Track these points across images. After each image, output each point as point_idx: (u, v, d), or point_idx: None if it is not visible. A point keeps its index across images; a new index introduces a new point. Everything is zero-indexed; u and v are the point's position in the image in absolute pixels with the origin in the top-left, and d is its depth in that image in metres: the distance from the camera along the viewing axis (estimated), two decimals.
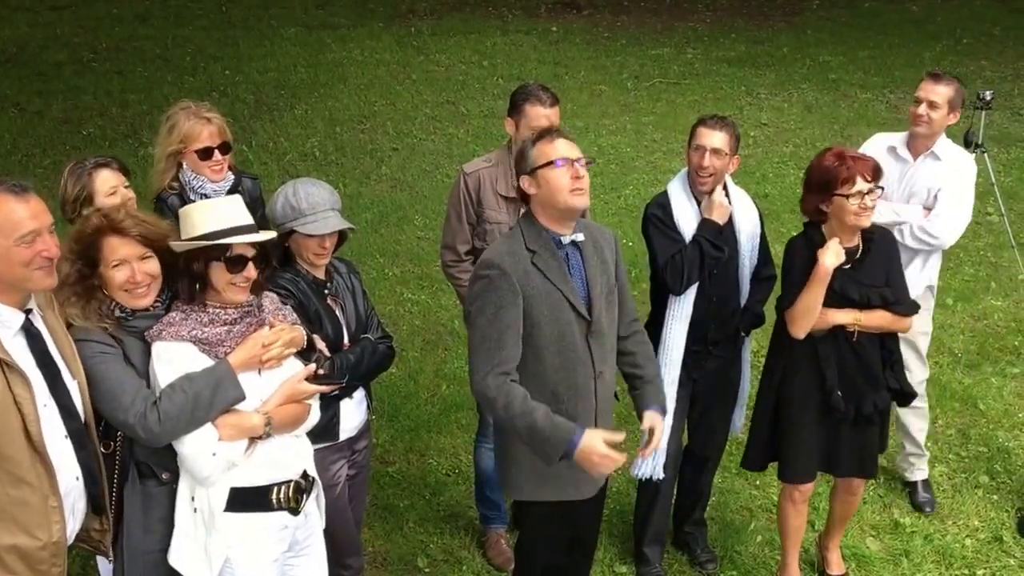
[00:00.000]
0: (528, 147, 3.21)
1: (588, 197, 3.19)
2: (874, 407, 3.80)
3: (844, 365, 3.77)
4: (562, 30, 13.06)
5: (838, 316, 3.71)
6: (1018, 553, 4.45)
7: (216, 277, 2.92)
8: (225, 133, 3.94)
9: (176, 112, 3.91)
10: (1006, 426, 5.35)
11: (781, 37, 12.66)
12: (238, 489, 2.94)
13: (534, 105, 3.97)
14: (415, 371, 5.86)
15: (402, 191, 8.42)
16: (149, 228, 2.92)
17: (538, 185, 3.16)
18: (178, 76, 11.19)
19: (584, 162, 3.16)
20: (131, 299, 2.90)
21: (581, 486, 3.29)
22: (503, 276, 3.10)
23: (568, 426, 3.05)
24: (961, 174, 4.42)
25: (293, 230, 3.32)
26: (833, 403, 3.75)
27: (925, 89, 4.35)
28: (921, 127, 4.35)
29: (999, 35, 12.37)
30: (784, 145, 9.28)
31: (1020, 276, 6.36)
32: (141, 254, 2.89)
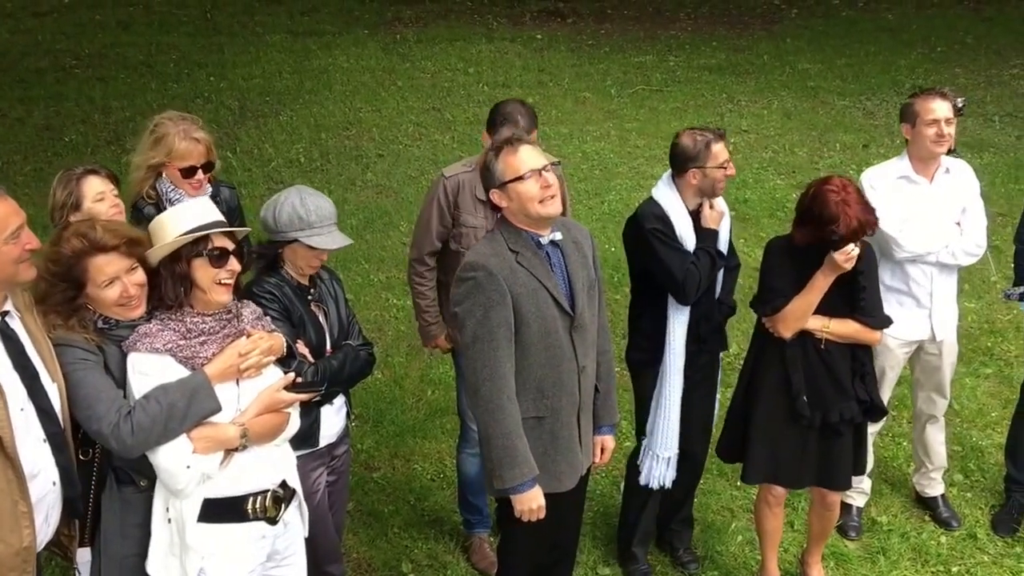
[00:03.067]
0: (492, 161, 3.23)
1: (560, 201, 3.23)
2: (840, 417, 3.80)
3: (812, 371, 3.80)
4: (547, 38, 13.13)
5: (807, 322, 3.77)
6: (992, 550, 4.55)
7: (201, 275, 2.91)
8: (211, 152, 3.94)
9: (165, 125, 3.88)
10: (979, 425, 5.45)
11: (761, 45, 12.76)
12: (211, 500, 2.92)
13: (511, 130, 3.92)
14: (400, 376, 5.91)
15: (387, 197, 8.47)
16: (128, 237, 2.92)
17: (509, 198, 3.21)
18: (162, 83, 11.20)
19: (550, 167, 3.20)
20: (126, 312, 2.92)
21: (563, 479, 3.38)
22: (490, 277, 3.15)
23: (534, 468, 3.20)
24: (975, 183, 4.45)
25: (296, 239, 3.32)
26: (798, 408, 3.77)
27: (939, 109, 4.22)
28: (943, 147, 4.26)
29: (972, 43, 12.50)
30: (764, 151, 9.36)
31: (992, 278, 6.46)
32: (128, 267, 2.89)
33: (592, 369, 3.43)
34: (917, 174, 4.35)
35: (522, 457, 3.18)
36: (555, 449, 3.34)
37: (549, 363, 3.26)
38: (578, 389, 3.35)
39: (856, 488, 4.63)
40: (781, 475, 3.96)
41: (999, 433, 5.14)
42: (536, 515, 3.25)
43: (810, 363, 3.80)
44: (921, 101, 4.28)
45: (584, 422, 3.43)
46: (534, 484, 3.22)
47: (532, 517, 3.26)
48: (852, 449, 3.95)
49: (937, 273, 4.36)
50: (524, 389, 3.24)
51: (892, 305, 4.31)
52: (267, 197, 3.55)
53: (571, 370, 3.31)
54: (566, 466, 3.37)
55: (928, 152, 4.29)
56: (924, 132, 4.25)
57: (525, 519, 3.27)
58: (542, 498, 3.25)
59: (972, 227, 4.35)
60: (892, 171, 4.39)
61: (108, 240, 2.87)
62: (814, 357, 3.80)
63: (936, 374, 4.56)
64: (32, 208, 3.02)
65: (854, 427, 3.92)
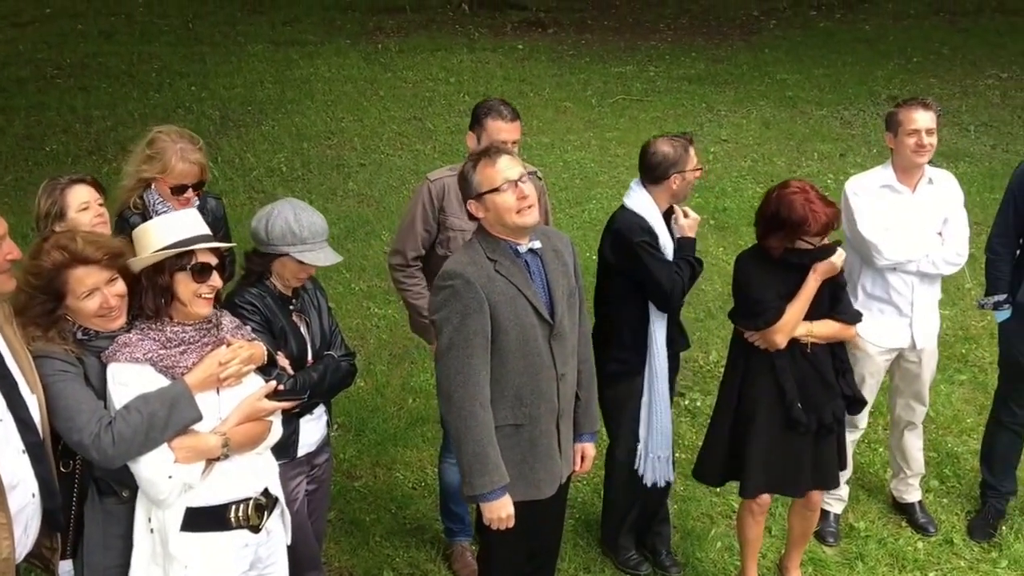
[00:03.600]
0: (470, 172, 3.26)
1: (537, 211, 3.26)
2: (833, 416, 3.88)
3: (801, 377, 3.85)
4: (528, 48, 13.19)
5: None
6: (968, 555, 4.59)
7: (182, 288, 2.91)
8: (205, 172, 3.95)
9: (163, 143, 3.86)
10: (955, 432, 5.51)
11: (740, 56, 12.87)
12: (194, 509, 2.92)
13: (495, 120, 4.03)
14: (382, 385, 5.92)
15: (369, 206, 8.49)
16: (109, 249, 2.92)
17: (486, 209, 3.24)
18: (143, 92, 11.19)
19: (526, 177, 3.23)
20: (106, 323, 2.92)
21: (542, 487, 3.40)
22: (467, 285, 3.17)
23: (505, 477, 3.22)
24: (959, 193, 4.47)
25: (287, 254, 3.33)
26: (795, 416, 3.81)
27: (922, 119, 4.25)
28: (924, 157, 4.29)
29: (947, 54, 12.65)
30: (743, 160, 9.44)
31: (967, 286, 6.54)
32: (108, 278, 2.89)
33: (572, 377, 3.45)
34: (900, 183, 4.38)
35: (492, 465, 3.20)
36: (534, 457, 3.36)
37: (528, 371, 3.28)
38: (557, 397, 3.36)
39: (834, 495, 4.68)
40: (781, 485, 4.00)
41: (974, 439, 5.20)
42: (505, 524, 3.27)
43: (800, 369, 3.85)
44: (904, 111, 4.33)
45: (564, 430, 3.45)
46: (504, 493, 3.24)
47: (501, 525, 3.28)
48: (836, 446, 4.02)
49: (918, 282, 4.40)
50: (502, 396, 3.26)
51: (873, 313, 4.37)
52: (248, 206, 3.57)
53: (550, 378, 3.33)
54: (545, 474, 3.39)
55: (909, 161, 4.32)
56: (905, 142, 4.29)
57: (494, 527, 3.29)
58: (511, 507, 3.26)
59: (953, 237, 4.39)
60: (875, 180, 4.42)
61: (89, 252, 2.87)
62: (802, 362, 3.85)
63: (915, 382, 4.61)
64: (13, 218, 3.03)
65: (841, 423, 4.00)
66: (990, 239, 4.59)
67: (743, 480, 4.00)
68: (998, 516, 4.77)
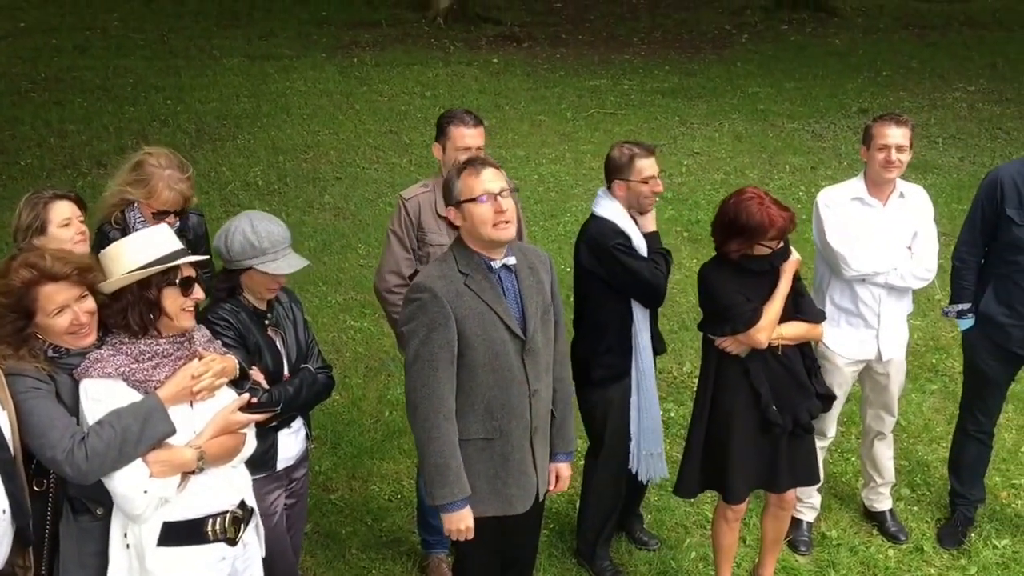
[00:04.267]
0: (454, 179, 3.30)
1: (513, 227, 3.29)
2: (809, 415, 3.94)
3: (776, 379, 3.89)
4: (503, 62, 13.27)
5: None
6: (938, 562, 4.65)
7: (170, 302, 2.92)
8: (189, 200, 3.93)
9: (151, 168, 3.83)
10: (925, 440, 5.58)
11: (712, 69, 12.99)
12: (171, 523, 2.91)
13: (458, 127, 4.08)
14: (358, 398, 5.93)
15: (345, 219, 8.51)
16: (78, 266, 2.91)
17: (463, 218, 3.27)
18: (118, 106, 11.16)
19: (507, 192, 3.26)
20: (77, 340, 2.90)
21: (515, 502, 3.41)
22: (434, 299, 3.20)
23: (466, 489, 3.25)
24: (930, 208, 4.52)
25: (250, 267, 3.34)
26: (771, 418, 3.85)
27: (891, 134, 4.30)
28: (893, 172, 4.32)
29: (916, 67, 12.83)
30: (715, 173, 9.52)
31: (937, 296, 6.63)
32: (78, 295, 2.88)
33: (546, 394, 3.46)
34: (871, 196, 4.42)
35: (454, 476, 3.23)
36: (506, 472, 3.37)
37: (498, 385, 3.30)
38: (529, 412, 3.37)
39: (806, 503, 4.74)
40: (761, 483, 4.06)
41: (944, 448, 5.26)
42: (464, 535, 3.30)
43: (773, 372, 3.89)
44: (877, 125, 4.38)
45: (538, 446, 3.45)
46: (465, 504, 3.27)
47: (461, 536, 3.31)
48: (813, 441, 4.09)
49: (886, 295, 4.45)
50: (472, 410, 3.28)
51: (841, 325, 4.43)
52: (225, 220, 3.58)
53: (522, 393, 3.34)
54: (517, 489, 3.40)
55: (879, 176, 4.37)
56: (875, 156, 4.35)
57: (454, 537, 3.33)
58: (471, 519, 3.29)
59: (923, 251, 4.43)
60: (847, 192, 4.46)
61: (58, 268, 2.86)
62: (775, 365, 3.89)
63: (884, 393, 4.67)
64: None
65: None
66: (957, 247, 4.64)
67: (726, 487, 4.03)
68: (967, 524, 4.83)
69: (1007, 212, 4.39)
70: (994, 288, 4.50)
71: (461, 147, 4.06)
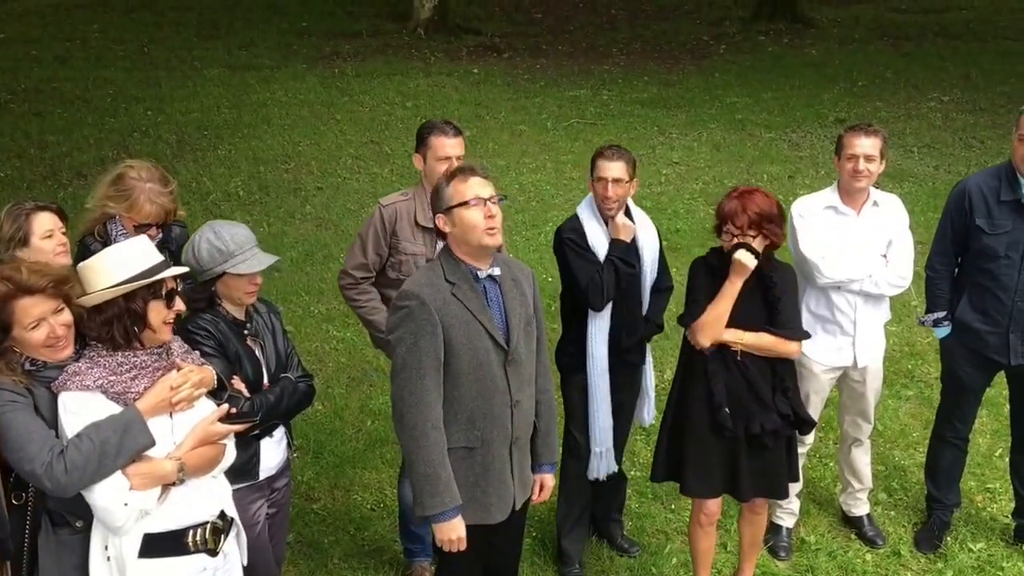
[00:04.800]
0: (443, 186, 3.33)
1: (501, 235, 3.33)
2: (762, 428, 3.90)
3: (732, 384, 3.92)
4: (483, 72, 13.33)
5: (723, 334, 3.90)
6: (915, 566, 4.71)
7: (154, 315, 2.93)
8: (171, 214, 3.89)
9: (132, 182, 3.80)
10: (902, 445, 5.66)
11: (691, 80, 13.08)
12: (152, 535, 2.91)
13: (438, 137, 4.14)
14: (340, 408, 5.94)
15: (327, 230, 8.53)
16: (54, 278, 2.90)
17: (453, 223, 3.29)
18: (99, 117, 11.14)
19: (497, 199, 3.30)
20: (54, 353, 2.90)
21: (493, 511, 3.43)
22: (422, 307, 3.22)
23: (457, 498, 3.26)
24: (904, 217, 4.57)
25: (224, 272, 3.35)
26: (720, 419, 3.89)
27: (859, 144, 4.35)
28: (862, 182, 4.37)
29: (891, 78, 12.95)
30: (694, 182, 9.60)
31: (913, 303, 6.71)
32: (54, 308, 2.88)
33: (528, 405, 3.49)
34: (845, 205, 4.48)
35: (444, 486, 3.23)
36: (486, 481, 3.39)
37: (481, 395, 3.32)
38: (510, 422, 3.40)
39: (785, 509, 4.80)
40: (720, 487, 4.07)
41: (921, 452, 5.32)
42: (456, 545, 3.30)
43: (731, 376, 3.92)
44: (847, 136, 4.44)
45: (518, 456, 3.47)
46: (456, 514, 3.27)
47: (452, 548, 3.31)
48: (785, 458, 4.07)
49: (862, 303, 4.51)
50: (455, 419, 3.30)
51: (817, 332, 4.48)
52: None
53: (504, 403, 3.36)
54: (496, 499, 3.41)
55: (848, 185, 4.44)
56: (844, 166, 4.42)
57: (446, 548, 3.33)
58: (463, 529, 3.29)
59: (897, 259, 4.49)
60: (821, 201, 4.52)
61: (34, 282, 2.85)
62: (734, 370, 3.92)
63: (860, 400, 4.73)
64: None
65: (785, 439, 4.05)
66: (929, 258, 4.71)
67: (682, 479, 4.11)
68: (943, 528, 4.90)
69: (976, 222, 4.46)
70: (969, 296, 4.58)
71: (441, 157, 4.12)
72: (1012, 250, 4.41)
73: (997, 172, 4.52)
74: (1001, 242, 4.42)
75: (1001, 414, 5.65)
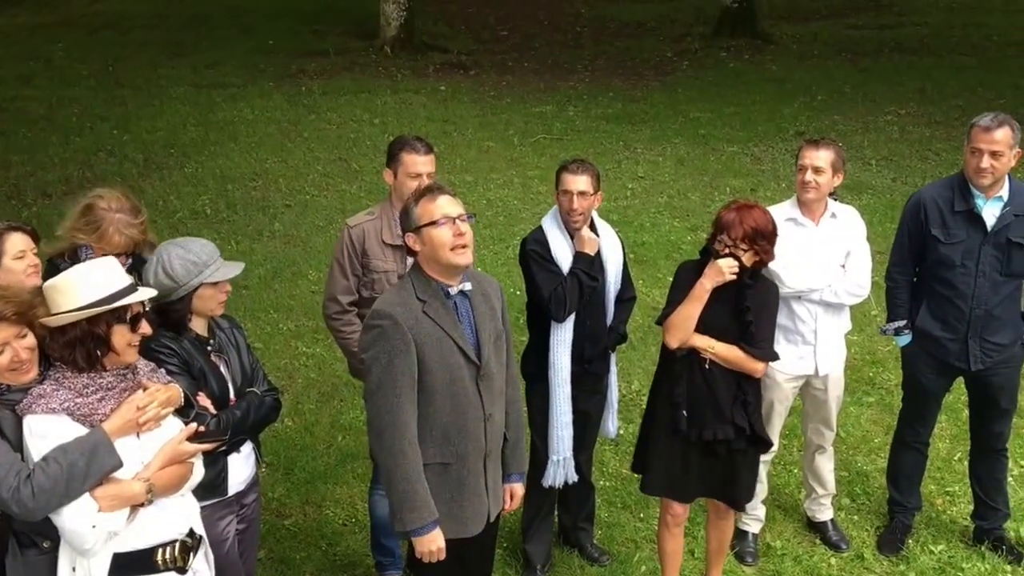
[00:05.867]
0: (412, 206, 3.37)
1: (471, 253, 3.35)
2: (714, 436, 3.97)
3: (694, 389, 3.99)
4: (450, 89, 13.40)
5: (695, 338, 3.97)
6: (878, 569, 4.81)
7: (118, 339, 2.92)
8: (141, 244, 3.82)
9: (101, 212, 3.74)
10: (864, 451, 5.76)
11: (655, 96, 13.21)
12: (121, 554, 2.91)
13: (410, 153, 4.19)
14: (311, 423, 5.95)
15: (295, 247, 8.54)
16: (19, 304, 2.89)
17: (422, 243, 3.33)
18: (64, 137, 11.08)
19: (466, 217, 3.34)
20: (18, 376, 2.89)
21: (469, 524, 3.47)
22: (395, 326, 3.25)
23: (434, 512, 3.30)
24: (861, 227, 4.69)
25: (201, 284, 3.34)
26: (676, 419, 3.98)
27: (808, 156, 4.46)
28: (811, 193, 4.48)
29: (849, 92, 13.13)
30: (659, 196, 9.70)
31: (873, 312, 6.84)
32: (18, 332, 2.87)
33: (500, 418, 3.53)
34: (803, 217, 4.59)
35: (422, 501, 3.27)
36: (462, 495, 3.43)
37: (455, 410, 3.35)
38: (484, 436, 3.44)
39: (751, 515, 4.88)
40: (673, 487, 4.15)
41: (882, 458, 5.42)
42: (436, 556, 3.34)
43: (694, 381, 4.00)
44: (802, 148, 4.58)
45: (491, 469, 3.52)
46: (435, 527, 3.31)
47: (432, 559, 3.35)
48: (742, 471, 4.13)
49: (822, 312, 4.62)
50: (430, 436, 3.33)
51: (780, 342, 4.57)
52: None
53: (477, 418, 3.40)
54: (472, 512, 3.46)
55: (801, 196, 4.57)
56: (797, 178, 4.56)
57: (426, 560, 3.36)
58: (442, 540, 3.33)
59: (856, 269, 4.60)
60: (781, 213, 4.58)
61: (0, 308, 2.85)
62: (698, 376, 4.00)
63: (822, 408, 4.82)
64: None
65: (751, 457, 4.12)
66: (888, 268, 4.82)
67: (644, 473, 4.21)
68: (905, 531, 5.00)
69: (932, 232, 4.58)
70: (928, 305, 4.69)
71: (412, 173, 4.17)
72: (968, 259, 4.53)
73: (950, 183, 4.65)
74: (957, 251, 4.54)
75: (960, 419, 5.78)
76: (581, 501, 4.81)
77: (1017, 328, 4.67)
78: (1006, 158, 4.42)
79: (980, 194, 4.51)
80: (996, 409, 4.79)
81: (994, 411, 4.80)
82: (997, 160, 4.40)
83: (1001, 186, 4.52)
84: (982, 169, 4.42)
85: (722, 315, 3.97)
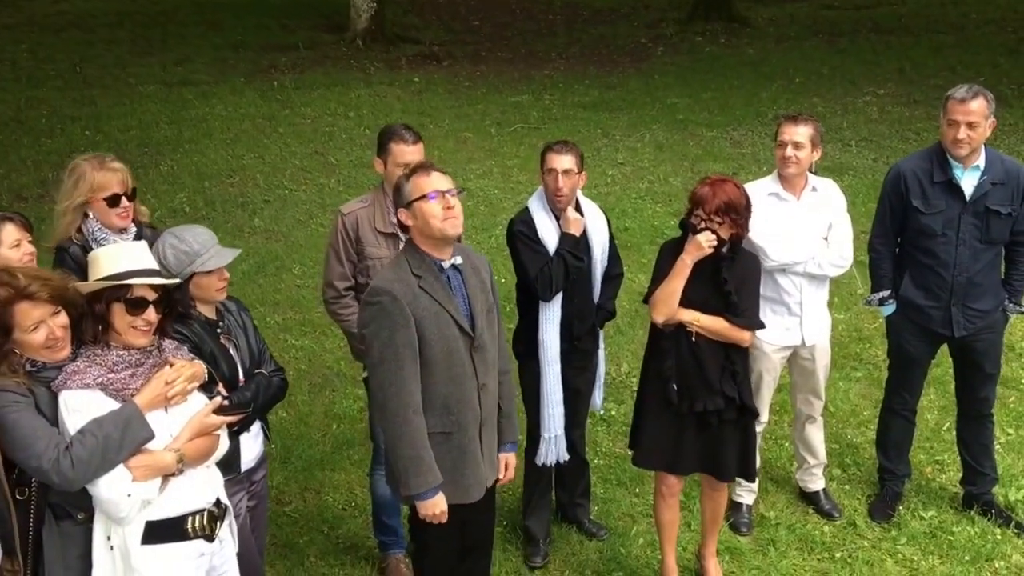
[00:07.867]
0: (404, 182, 3.48)
1: (461, 224, 3.47)
2: (705, 408, 4.04)
3: (683, 362, 4.07)
4: (424, 81, 13.39)
5: (680, 313, 4.04)
6: (870, 535, 4.90)
7: (117, 319, 3.03)
8: (128, 182, 4.02)
9: (81, 165, 3.97)
10: (853, 424, 5.85)
11: (631, 82, 13.27)
12: (154, 522, 3.04)
13: (399, 144, 4.25)
14: (305, 414, 5.96)
15: (277, 242, 8.51)
16: (53, 284, 3.01)
17: (414, 217, 3.44)
18: (34, 138, 10.97)
19: (455, 192, 3.45)
20: (53, 354, 3.00)
21: (471, 491, 3.57)
22: (394, 302, 3.34)
23: (438, 476, 3.40)
24: (841, 200, 4.78)
25: (194, 273, 3.43)
26: (667, 393, 4.06)
27: (787, 132, 4.54)
28: (791, 168, 4.55)
29: (827, 74, 13.24)
30: (640, 182, 9.76)
31: (858, 291, 6.92)
32: (52, 311, 2.99)
33: (493, 387, 3.63)
34: (785, 191, 4.68)
35: (427, 466, 3.38)
36: (463, 463, 3.53)
37: (453, 381, 3.46)
38: (479, 405, 3.55)
39: (745, 487, 4.95)
40: (666, 461, 4.22)
41: (871, 430, 5.51)
42: (440, 519, 3.46)
43: (682, 354, 4.07)
44: (781, 124, 4.67)
45: (487, 437, 3.63)
46: (438, 491, 3.43)
47: (436, 520, 3.47)
48: (738, 447, 4.20)
49: (806, 284, 4.70)
50: (431, 406, 3.43)
51: (766, 313, 4.64)
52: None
53: (472, 388, 3.52)
54: (473, 479, 3.57)
55: (781, 171, 4.65)
56: (776, 153, 4.65)
57: (431, 521, 3.47)
58: (445, 504, 3.45)
59: (838, 241, 4.69)
60: (763, 188, 4.70)
61: (32, 286, 2.96)
62: (685, 349, 4.07)
63: (811, 378, 4.91)
64: None
65: (741, 428, 4.18)
66: (871, 240, 4.92)
67: (636, 446, 4.29)
68: (896, 498, 5.09)
69: (912, 203, 4.67)
70: (911, 274, 4.78)
71: (401, 163, 4.20)
72: (948, 228, 4.63)
73: (928, 154, 4.74)
74: (937, 221, 4.63)
75: (947, 391, 5.87)
76: (576, 477, 4.87)
77: (998, 294, 4.78)
78: (982, 128, 4.52)
79: (958, 164, 4.61)
80: (980, 374, 4.89)
81: (978, 376, 4.90)
82: (973, 131, 4.50)
83: (978, 156, 4.61)
84: (959, 140, 4.51)
85: (705, 289, 4.04)
